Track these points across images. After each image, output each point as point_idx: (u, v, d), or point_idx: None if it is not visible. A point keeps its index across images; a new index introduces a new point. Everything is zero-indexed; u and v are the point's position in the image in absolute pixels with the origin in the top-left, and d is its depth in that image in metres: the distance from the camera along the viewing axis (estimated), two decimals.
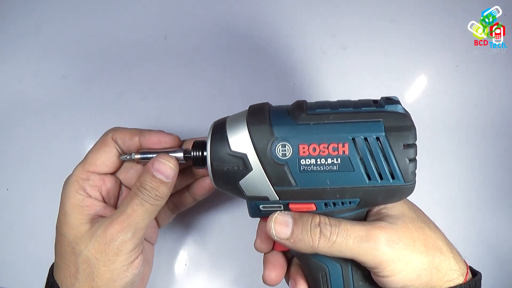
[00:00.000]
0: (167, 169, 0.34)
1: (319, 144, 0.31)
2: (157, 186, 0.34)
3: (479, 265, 0.36)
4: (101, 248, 0.33)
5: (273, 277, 0.39)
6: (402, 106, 0.32)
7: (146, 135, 0.37)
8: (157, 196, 0.34)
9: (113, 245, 0.33)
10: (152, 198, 0.34)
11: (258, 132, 0.32)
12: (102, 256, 0.33)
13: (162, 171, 0.34)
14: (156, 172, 0.34)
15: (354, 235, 0.31)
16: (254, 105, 0.34)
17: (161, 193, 0.34)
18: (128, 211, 0.34)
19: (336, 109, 0.32)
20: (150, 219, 0.35)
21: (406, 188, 0.31)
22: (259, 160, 0.32)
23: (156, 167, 0.34)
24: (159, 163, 0.34)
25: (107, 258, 0.33)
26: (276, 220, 0.33)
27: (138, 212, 0.34)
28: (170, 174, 0.35)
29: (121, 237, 0.33)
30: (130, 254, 0.34)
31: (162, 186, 0.34)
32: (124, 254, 0.34)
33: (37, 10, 0.56)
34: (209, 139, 0.33)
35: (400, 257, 0.31)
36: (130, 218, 0.34)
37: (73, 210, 0.35)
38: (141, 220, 0.34)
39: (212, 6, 0.56)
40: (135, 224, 0.34)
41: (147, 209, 0.34)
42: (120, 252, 0.33)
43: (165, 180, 0.34)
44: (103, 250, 0.33)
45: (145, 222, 0.34)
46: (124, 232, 0.33)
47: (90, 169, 0.37)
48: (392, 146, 0.30)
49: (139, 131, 0.38)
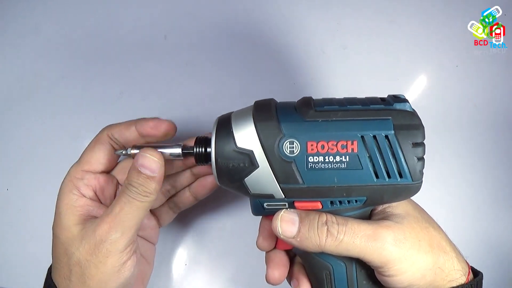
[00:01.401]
0: (151, 163, 0.33)
1: (327, 142, 0.30)
2: (144, 182, 0.33)
3: (479, 265, 0.36)
4: (91, 250, 0.32)
5: (277, 276, 0.38)
6: (410, 104, 0.32)
7: (143, 123, 0.36)
8: (145, 192, 0.33)
9: (102, 246, 0.32)
10: (140, 195, 0.33)
11: (265, 129, 0.31)
12: (93, 258, 0.32)
13: (146, 166, 0.33)
14: (141, 167, 0.33)
15: (361, 234, 0.31)
16: (260, 101, 0.34)
17: (149, 188, 0.33)
18: (116, 210, 0.33)
19: (345, 106, 0.31)
20: (140, 217, 0.34)
21: (413, 186, 0.31)
22: (266, 157, 0.31)
23: (140, 163, 0.33)
24: (143, 158, 0.33)
25: (97, 260, 0.32)
26: (283, 218, 0.33)
27: (125, 210, 0.33)
28: (155, 168, 0.33)
29: (109, 238, 0.32)
30: (121, 255, 0.33)
31: (149, 181, 0.33)
32: (115, 255, 0.33)
33: (37, 10, 0.56)
34: (213, 135, 0.32)
35: (407, 256, 0.31)
36: (117, 217, 0.33)
37: (66, 211, 0.35)
38: (129, 218, 0.33)
39: (212, 6, 0.56)
40: (122, 222, 0.33)
41: (136, 207, 0.33)
42: (110, 253, 0.33)
43: (151, 175, 0.33)
44: (93, 251, 0.32)
45: (134, 220, 0.33)
46: (112, 232, 0.32)
47: (84, 167, 0.36)
48: (401, 144, 0.30)
49: (134, 121, 0.37)
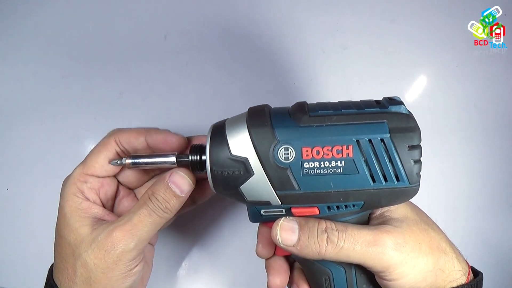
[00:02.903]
0: (184, 183, 0.34)
1: (322, 147, 0.30)
2: (170, 199, 0.33)
3: (479, 265, 0.36)
4: (101, 255, 0.32)
5: (278, 283, 0.38)
6: (405, 107, 0.32)
7: (153, 135, 0.36)
8: (166, 208, 0.33)
9: (113, 253, 0.32)
10: (161, 210, 0.33)
11: (259, 135, 0.31)
12: (101, 263, 0.32)
13: (178, 185, 0.33)
14: (172, 184, 0.33)
15: (362, 240, 0.31)
16: (254, 107, 0.33)
17: (171, 206, 0.33)
18: (134, 220, 0.33)
19: (339, 110, 0.31)
20: (155, 231, 0.34)
21: (411, 189, 0.31)
22: (261, 164, 0.31)
23: (173, 179, 0.33)
24: (178, 176, 0.33)
25: (105, 265, 0.32)
26: (282, 226, 0.32)
27: (144, 223, 0.33)
28: (185, 189, 0.34)
29: (122, 247, 0.32)
30: (130, 263, 0.33)
31: (174, 199, 0.33)
32: (124, 263, 0.33)
33: (37, 10, 0.56)
34: (208, 143, 0.32)
35: (407, 260, 0.31)
36: (134, 228, 0.32)
37: (72, 213, 0.34)
38: (145, 231, 0.33)
39: (212, 6, 0.56)
40: (139, 235, 0.33)
41: (154, 221, 0.33)
42: (120, 261, 0.32)
43: (179, 194, 0.33)
44: (102, 257, 0.32)
45: (149, 233, 0.33)
46: (126, 241, 0.32)
47: (88, 172, 0.36)
48: (397, 147, 0.30)
49: (145, 131, 0.37)
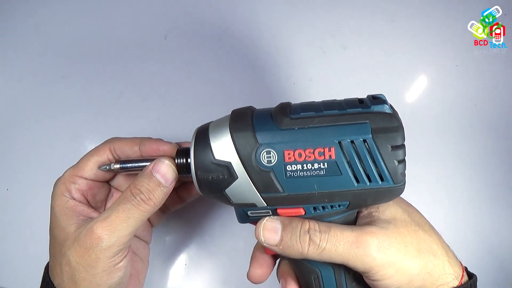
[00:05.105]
0: (168, 171, 0.33)
1: (304, 150, 0.30)
2: (153, 189, 0.32)
3: (479, 265, 0.36)
4: (81, 253, 0.32)
5: (257, 276, 0.38)
6: (389, 105, 0.31)
7: (146, 144, 0.36)
8: (149, 200, 0.32)
9: (93, 250, 0.31)
10: (143, 202, 0.32)
11: (241, 139, 0.31)
12: (82, 261, 0.32)
13: (162, 173, 0.33)
14: (155, 172, 0.32)
15: (344, 241, 0.31)
16: (237, 110, 0.33)
17: (155, 197, 0.32)
18: (113, 216, 0.32)
19: (321, 112, 0.31)
20: (137, 226, 0.33)
21: (396, 189, 0.31)
22: (244, 168, 0.31)
23: (157, 168, 0.33)
24: (161, 164, 0.33)
25: (86, 263, 0.32)
26: (265, 226, 0.33)
27: (122, 219, 0.32)
28: (170, 178, 0.33)
29: (101, 244, 0.31)
30: (113, 259, 0.33)
31: (158, 190, 0.32)
32: (105, 260, 0.32)
33: (37, 10, 0.56)
34: (192, 147, 0.32)
35: (391, 262, 0.31)
36: (112, 224, 0.32)
37: (61, 212, 0.34)
38: (125, 227, 0.32)
39: (212, 6, 0.56)
40: (116, 231, 0.32)
41: (134, 216, 0.32)
42: (100, 258, 0.32)
43: (163, 183, 0.33)
44: (83, 254, 0.32)
45: (130, 229, 0.32)
46: (105, 239, 0.31)
47: (78, 173, 0.36)
48: (380, 148, 0.29)
49: (139, 140, 0.37)
